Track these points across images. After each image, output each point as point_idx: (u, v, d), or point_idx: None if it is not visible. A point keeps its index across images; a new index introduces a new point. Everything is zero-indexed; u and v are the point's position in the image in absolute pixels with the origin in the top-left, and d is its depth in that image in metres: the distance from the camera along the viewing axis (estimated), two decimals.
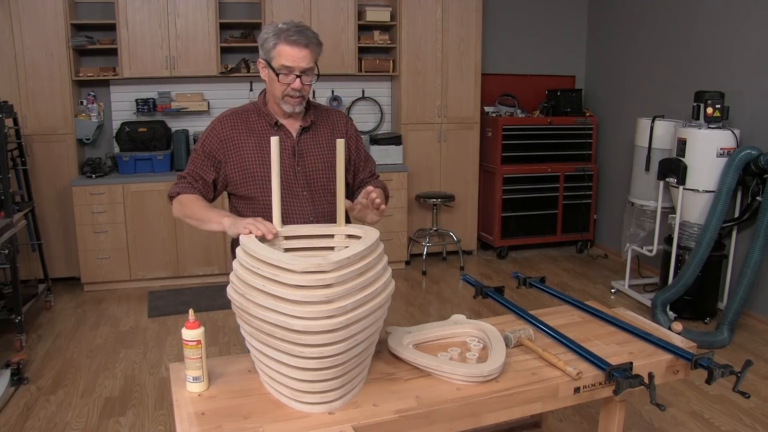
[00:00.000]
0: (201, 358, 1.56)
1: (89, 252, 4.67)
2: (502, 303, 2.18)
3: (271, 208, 1.90)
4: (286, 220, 1.84)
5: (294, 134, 2.00)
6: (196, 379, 1.57)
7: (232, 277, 1.54)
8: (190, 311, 1.59)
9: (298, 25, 1.87)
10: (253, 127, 1.99)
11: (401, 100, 5.29)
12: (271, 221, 1.67)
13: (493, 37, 5.72)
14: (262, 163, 1.95)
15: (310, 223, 1.96)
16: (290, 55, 1.84)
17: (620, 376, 1.60)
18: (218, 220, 1.81)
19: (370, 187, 1.83)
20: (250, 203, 1.99)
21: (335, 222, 1.73)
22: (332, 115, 2.12)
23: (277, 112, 1.99)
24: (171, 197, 2.01)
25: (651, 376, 1.62)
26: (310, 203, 1.99)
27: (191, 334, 1.55)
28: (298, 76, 1.87)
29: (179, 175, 2.02)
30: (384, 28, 5.32)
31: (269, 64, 1.88)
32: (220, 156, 1.97)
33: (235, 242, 1.95)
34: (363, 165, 2.18)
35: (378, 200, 1.81)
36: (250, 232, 1.60)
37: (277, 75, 1.86)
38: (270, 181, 1.89)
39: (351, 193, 2.16)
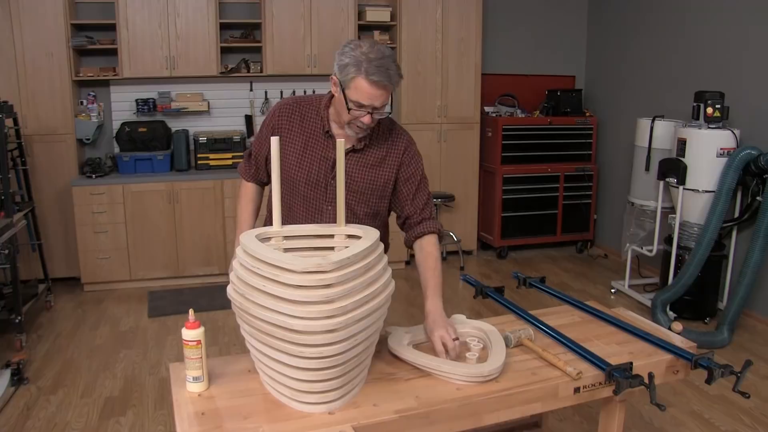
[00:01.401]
0: (201, 358, 1.56)
1: (89, 252, 4.67)
2: (502, 303, 2.18)
3: (296, 210, 1.93)
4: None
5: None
6: (196, 379, 1.57)
7: (232, 277, 1.54)
8: (190, 311, 1.59)
9: (383, 58, 1.72)
10: (307, 125, 1.91)
11: (401, 100, 5.29)
12: (291, 221, 1.67)
13: (493, 37, 5.72)
14: (301, 165, 1.89)
15: None
16: (367, 93, 1.73)
17: (620, 376, 1.60)
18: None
19: (450, 343, 1.71)
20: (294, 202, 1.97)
21: None
22: (393, 137, 1.97)
23: (336, 121, 1.89)
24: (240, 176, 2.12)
25: (651, 376, 1.62)
26: (332, 219, 1.90)
27: (191, 334, 1.55)
28: (369, 113, 1.77)
29: (247, 152, 2.08)
30: (384, 28, 5.32)
31: (343, 91, 1.76)
32: (266, 147, 1.94)
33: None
34: (411, 199, 1.98)
35: (452, 354, 1.71)
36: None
37: (349, 109, 1.77)
38: (305, 185, 1.91)
39: (399, 223, 2.04)
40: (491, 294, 2.23)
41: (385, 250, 1.72)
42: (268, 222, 2.05)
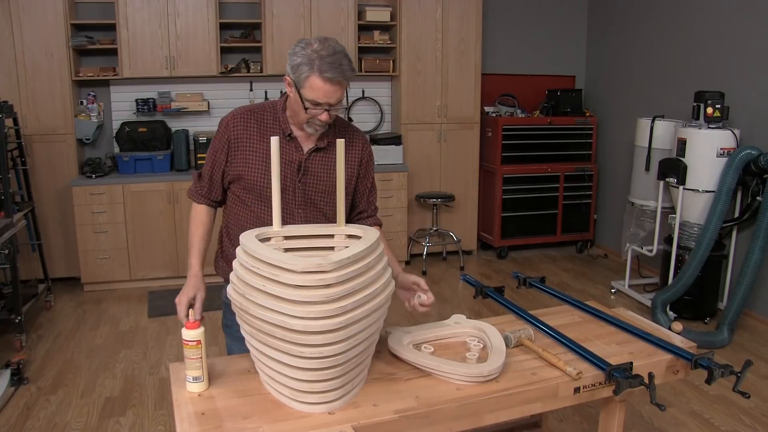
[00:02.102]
0: (201, 358, 1.56)
1: (89, 252, 4.67)
2: (502, 303, 2.18)
3: (263, 218, 1.90)
4: None
5: (305, 150, 1.89)
6: (196, 379, 1.56)
7: (232, 277, 1.54)
8: (190, 312, 1.59)
9: (335, 54, 1.72)
10: (266, 131, 1.88)
11: (401, 100, 5.29)
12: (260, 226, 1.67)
13: (493, 37, 5.72)
14: (267, 173, 1.86)
15: None
16: (323, 91, 1.72)
17: (620, 376, 1.60)
18: (191, 271, 1.95)
19: (425, 298, 1.83)
20: (245, 207, 1.93)
21: None
22: (350, 134, 1.98)
23: (294, 124, 1.88)
24: (191, 198, 2.04)
25: (651, 376, 1.62)
26: (303, 222, 1.91)
27: (191, 334, 1.54)
28: (326, 110, 1.77)
29: (196, 174, 2.02)
30: (384, 28, 5.32)
31: (298, 91, 1.75)
32: (223, 159, 1.91)
33: (230, 229, 2.00)
34: (366, 195, 2.06)
35: (423, 309, 1.85)
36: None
37: (306, 108, 1.76)
38: (267, 195, 1.86)
39: (350, 215, 2.06)
40: (491, 294, 2.23)
41: None
42: (230, 248, 2.01)
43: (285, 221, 1.85)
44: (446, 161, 5.47)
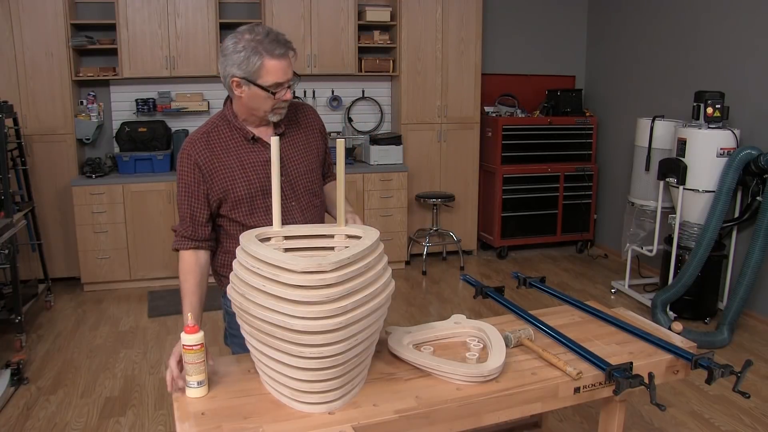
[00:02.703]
0: (204, 361, 1.52)
1: (89, 252, 4.67)
2: (502, 303, 2.18)
3: (263, 224, 1.86)
4: None
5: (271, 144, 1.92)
6: (200, 383, 1.53)
7: (232, 277, 1.54)
8: (189, 315, 1.56)
9: (269, 34, 1.72)
10: (229, 144, 1.83)
11: (401, 100, 5.29)
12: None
13: (493, 37, 5.72)
14: (250, 181, 1.83)
15: None
16: (282, 68, 1.72)
17: (620, 376, 1.60)
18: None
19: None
20: (239, 226, 1.86)
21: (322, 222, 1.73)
22: (300, 110, 1.98)
23: (250, 124, 1.85)
24: (176, 250, 1.88)
25: (651, 376, 1.62)
26: (299, 212, 1.91)
27: (192, 338, 1.50)
28: (288, 87, 1.77)
29: (174, 227, 1.88)
30: (384, 28, 5.32)
31: (255, 84, 1.73)
32: (200, 186, 1.81)
33: (221, 268, 1.94)
34: (328, 159, 2.10)
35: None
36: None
37: (273, 93, 1.74)
38: (262, 197, 1.85)
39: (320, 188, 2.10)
40: (491, 294, 2.23)
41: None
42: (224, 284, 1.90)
43: (285, 218, 1.85)
44: (446, 161, 5.47)
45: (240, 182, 1.83)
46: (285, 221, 1.84)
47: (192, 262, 1.83)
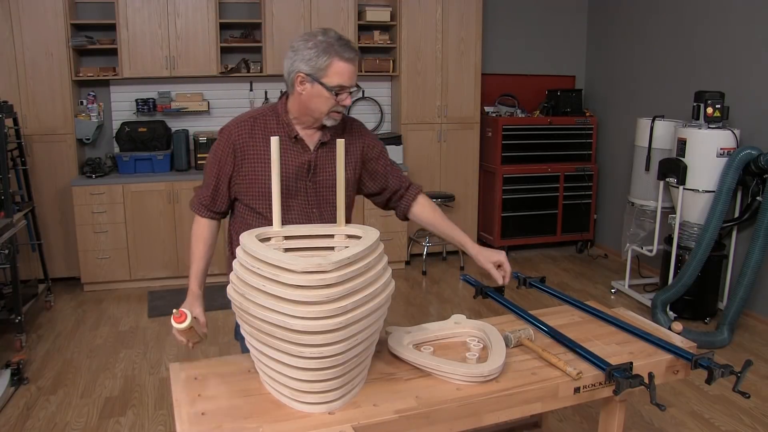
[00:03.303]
0: (197, 335, 1.76)
1: (89, 252, 4.67)
2: (502, 303, 2.18)
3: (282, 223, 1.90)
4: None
5: (312, 148, 1.89)
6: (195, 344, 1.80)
7: (232, 277, 1.54)
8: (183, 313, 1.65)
9: (340, 38, 1.77)
10: (272, 135, 1.85)
11: (401, 100, 5.29)
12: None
13: (493, 37, 5.72)
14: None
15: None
16: (348, 72, 1.76)
17: (620, 376, 1.60)
18: (189, 289, 1.92)
19: (506, 267, 2.04)
20: (257, 216, 1.91)
21: None
22: (348, 125, 2.00)
23: (299, 124, 1.88)
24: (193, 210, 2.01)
25: (651, 376, 1.62)
26: (318, 220, 1.92)
27: (181, 326, 1.64)
28: (350, 92, 1.80)
29: (197, 188, 1.98)
30: (384, 28, 5.32)
31: (319, 81, 1.76)
32: (230, 166, 1.88)
33: (234, 243, 1.95)
34: (390, 173, 2.06)
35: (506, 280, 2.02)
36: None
37: (336, 94, 1.77)
38: (285, 195, 1.85)
39: (383, 203, 2.11)
40: (491, 294, 2.23)
41: None
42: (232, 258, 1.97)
43: (301, 222, 1.88)
44: (446, 161, 5.47)
45: (269, 175, 1.84)
46: (302, 224, 1.88)
47: (205, 230, 1.97)
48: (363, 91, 5.50)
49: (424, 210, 2.08)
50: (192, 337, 1.75)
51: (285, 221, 1.83)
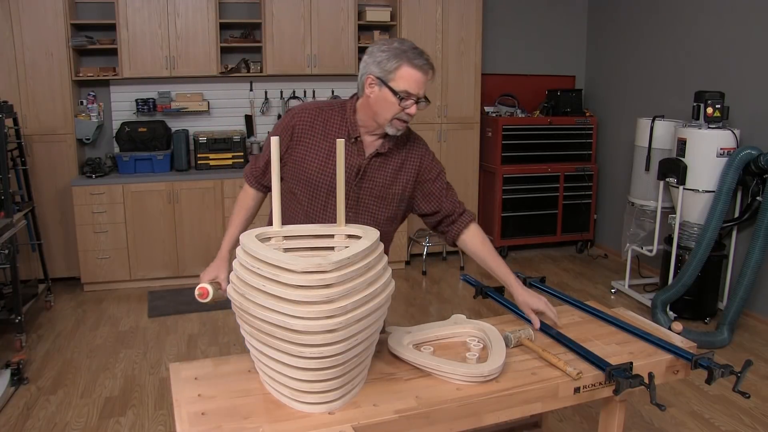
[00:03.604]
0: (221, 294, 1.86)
1: (89, 252, 4.67)
2: (502, 303, 2.18)
3: (313, 214, 1.92)
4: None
5: (367, 154, 1.91)
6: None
7: (232, 277, 1.54)
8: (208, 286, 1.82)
9: (416, 48, 1.80)
10: (331, 131, 1.89)
11: None
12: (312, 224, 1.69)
13: (493, 37, 5.72)
14: (324, 172, 1.87)
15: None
16: (415, 78, 1.78)
17: (620, 376, 1.60)
18: (219, 252, 1.99)
19: (548, 315, 1.96)
20: (296, 202, 1.93)
21: None
22: (411, 141, 2.01)
23: (363, 127, 1.90)
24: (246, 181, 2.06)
25: (651, 376, 1.62)
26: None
27: (205, 300, 1.83)
28: (416, 102, 1.81)
29: (254, 156, 2.03)
30: (384, 28, 5.31)
31: (387, 85, 1.78)
32: (284, 146, 1.89)
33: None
34: (444, 196, 2.03)
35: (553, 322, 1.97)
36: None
37: (400, 99, 1.79)
38: (326, 193, 1.89)
39: (434, 224, 2.07)
40: (491, 294, 2.23)
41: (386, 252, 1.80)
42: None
43: (332, 219, 1.90)
44: (446, 161, 5.45)
45: (316, 167, 1.88)
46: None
47: (250, 200, 2.03)
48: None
49: (474, 240, 2.04)
50: (217, 299, 1.86)
51: (322, 219, 1.90)
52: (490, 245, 2.07)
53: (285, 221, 1.91)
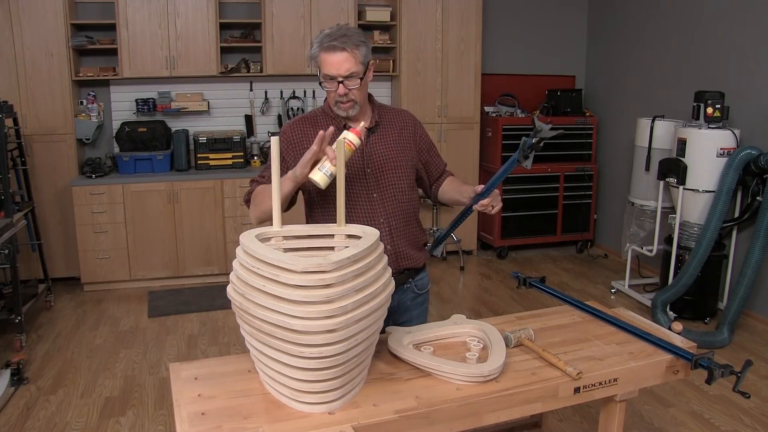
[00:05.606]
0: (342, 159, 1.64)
1: (89, 252, 4.67)
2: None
3: (329, 210, 1.94)
4: (356, 222, 1.86)
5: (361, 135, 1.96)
6: (328, 174, 1.69)
7: (232, 277, 1.54)
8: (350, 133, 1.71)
9: (340, 29, 1.85)
10: (320, 128, 1.90)
11: (401, 100, 5.29)
12: (336, 221, 1.66)
13: (493, 37, 5.72)
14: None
15: (380, 224, 1.96)
16: (328, 62, 1.83)
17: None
18: (287, 177, 1.79)
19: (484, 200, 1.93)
20: (322, 202, 1.98)
21: (406, 221, 1.94)
22: (399, 114, 2.11)
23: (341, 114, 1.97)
24: (247, 202, 2.01)
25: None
26: (380, 205, 1.98)
27: (355, 138, 1.69)
28: (340, 82, 1.85)
29: (253, 180, 2.02)
30: (384, 28, 5.32)
31: (319, 74, 1.88)
32: (289, 159, 1.94)
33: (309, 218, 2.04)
34: (436, 160, 2.21)
35: (494, 209, 1.95)
36: (317, 156, 1.71)
37: (321, 85, 1.89)
38: (327, 188, 1.88)
39: (426, 190, 2.23)
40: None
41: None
42: (309, 221, 2.07)
43: (363, 207, 1.97)
44: (446, 161, 5.43)
45: (318, 166, 1.88)
46: (366, 212, 1.97)
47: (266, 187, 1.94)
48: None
49: (444, 186, 2.18)
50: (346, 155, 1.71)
51: (348, 208, 1.92)
52: (457, 181, 2.18)
53: (321, 218, 1.99)
